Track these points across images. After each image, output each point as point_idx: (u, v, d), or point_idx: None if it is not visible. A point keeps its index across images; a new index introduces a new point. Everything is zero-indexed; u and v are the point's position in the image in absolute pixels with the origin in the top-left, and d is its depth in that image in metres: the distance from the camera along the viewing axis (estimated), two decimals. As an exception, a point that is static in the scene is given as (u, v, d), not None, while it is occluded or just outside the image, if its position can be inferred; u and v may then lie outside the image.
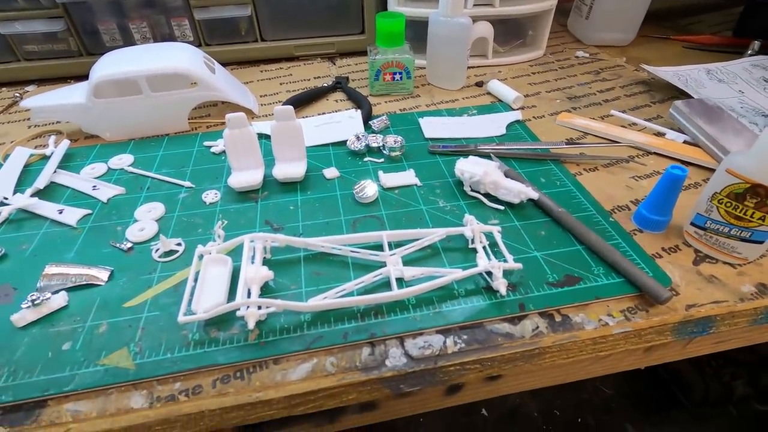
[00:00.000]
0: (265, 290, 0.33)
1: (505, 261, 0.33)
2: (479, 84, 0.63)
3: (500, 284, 0.31)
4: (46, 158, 0.47)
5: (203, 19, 0.65)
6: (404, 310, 0.31)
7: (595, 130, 0.52)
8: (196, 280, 0.32)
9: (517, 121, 0.54)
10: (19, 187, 0.43)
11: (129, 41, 0.65)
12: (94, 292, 0.33)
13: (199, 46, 0.68)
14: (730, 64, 0.65)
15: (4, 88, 0.66)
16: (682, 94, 0.59)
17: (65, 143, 0.48)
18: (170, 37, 0.67)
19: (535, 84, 0.64)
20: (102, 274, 0.34)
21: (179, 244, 0.37)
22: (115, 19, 0.64)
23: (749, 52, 0.68)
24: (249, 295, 0.31)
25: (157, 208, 0.40)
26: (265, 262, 0.35)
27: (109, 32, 0.65)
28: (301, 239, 0.35)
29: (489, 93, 0.61)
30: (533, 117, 0.56)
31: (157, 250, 0.36)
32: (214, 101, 0.59)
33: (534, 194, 0.38)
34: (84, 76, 0.51)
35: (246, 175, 0.42)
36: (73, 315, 0.31)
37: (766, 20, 0.74)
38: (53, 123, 0.56)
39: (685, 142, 0.49)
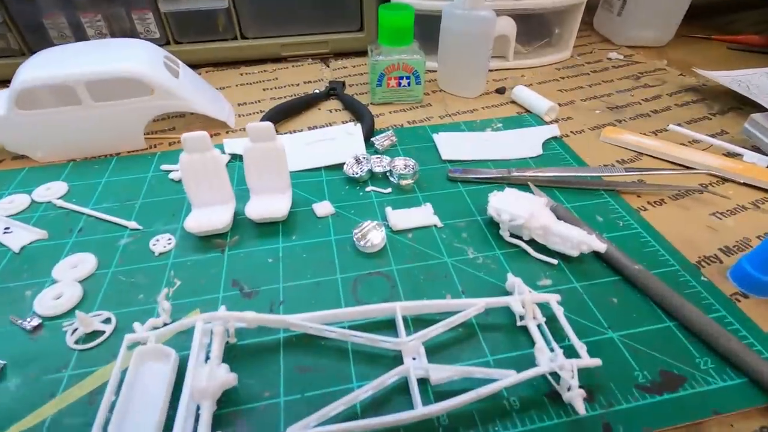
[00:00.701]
0: (226, 400, 0.22)
1: (575, 354, 0.23)
2: (500, 91, 0.53)
3: (575, 397, 0.21)
4: (-46, 187, 0.36)
5: (171, 11, 0.55)
6: (432, 437, 0.21)
7: (651, 150, 0.42)
8: (120, 387, 0.21)
9: (554, 138, 0.44)
10: None
11: (81, 38, 0.55)
12: (-31, 406, 0.22)
13: (166, 44, 0.57)
14: (793, 68, 0.55)
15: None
16: (744, 104, 0.49)
17: (-20, 167, 0.37)
18: (132, 33, 0.56)
19: (566, 91, 0.54)
20: (-14, 374, 0.23)
21: (107, 321, 0.26)
22: (64, 11, 0.53)
23: (811, 54, 0.59)
24: (198, 416, 0.20)
25: (85, 262, 0.29)
26: (228, 349, 0.24)
27: (57, 27, 0.54)
28: (280, 317, 0.24)
29: (513, 101, 0.51)
30: (571, 132, 0.46)
31: (74, 330, 0.25)
32: (179, 112, 0.48)
33: (601, 246, 0.28)
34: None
35: (209, 215, 0.32)
36: (-73, 450, 0.20)
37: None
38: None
39: (769, 166, 0.39)
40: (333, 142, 0.42)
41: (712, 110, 0.49)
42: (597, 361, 0.22)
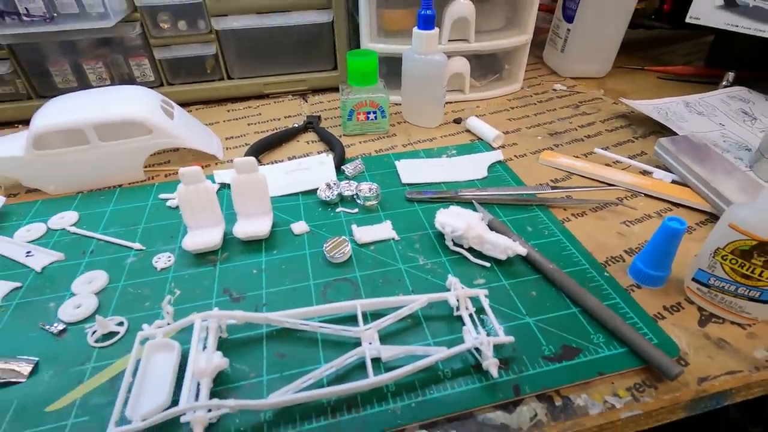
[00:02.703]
0: (220, 380, 0.28)
1: (495, 334, 0.29)
2: (457, 121, 0.61)
3: (491, 365, 0.27)
4: (-23, 218, 0.42)
5: (165, 58, 0.62)
6: (382, 400, 0.27)
7: (580, 170, 0.49)
8: (136, 373, 0.27)
9: (499, 162, 0.51)
10: (-60, 255, 0.38)
11: (84, 82, 0.61)
12: (11, 393, 0.27)
13: (160, 86, 0.64)
14: (708, 96, 0.64)
15: (-58, 135, 0.60)
16: (663, 129, 0.57)
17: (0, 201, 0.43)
18: (129, 78, 0.63)
19: (514, 120, 0.62)
20: (24, 368, 0.29)
21: (121, 324, 0.32)
22: (68, 59, 0.59)
23: (724, 83, 0.68)
24: (198, 391, 0.26)
25: (98, 278, 0.35)
26: (221, 342, 0.30)
27: (62, 73, 0.60)
28: (262, 315, 0.30)
29: (468, 130, 0.59)
30: (515, 156, 0.53)
31: (93, 332, 0.31)
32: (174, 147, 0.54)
33: (522, 250, 0.35)
34: (27, 124, 0.47)
35: (203, 235, 0.38)
36: (-19, 427, 0.26)
37: (736, 49, 0.75)
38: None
39: (673, 181, 0.47)
40: (308, 170, 0.48)
41: (636, 134, 0.58)
42: (510, 339, 0.29)
